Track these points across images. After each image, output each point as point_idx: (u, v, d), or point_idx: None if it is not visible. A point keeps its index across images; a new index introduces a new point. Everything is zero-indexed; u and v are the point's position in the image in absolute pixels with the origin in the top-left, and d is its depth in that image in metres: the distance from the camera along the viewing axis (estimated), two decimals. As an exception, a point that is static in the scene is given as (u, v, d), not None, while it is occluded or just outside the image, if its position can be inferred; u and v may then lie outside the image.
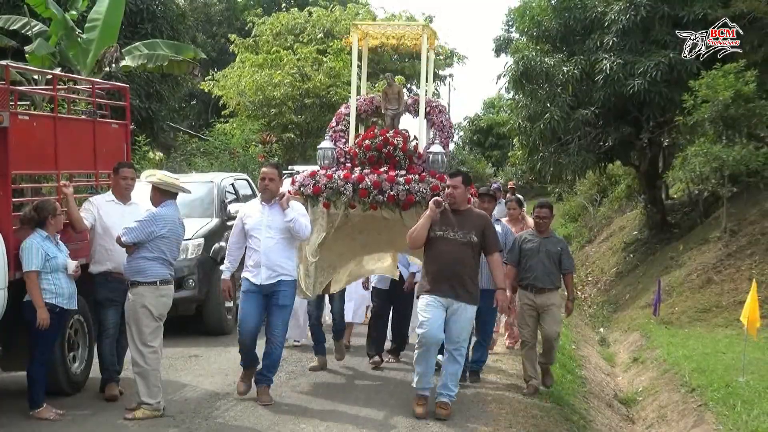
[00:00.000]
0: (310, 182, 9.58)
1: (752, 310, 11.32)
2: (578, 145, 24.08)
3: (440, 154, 9.69)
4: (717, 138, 20.47)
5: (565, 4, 24.00)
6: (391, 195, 9.25)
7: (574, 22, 23.81)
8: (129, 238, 8.31)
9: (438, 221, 8.50)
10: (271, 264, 8.87)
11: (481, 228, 8.58)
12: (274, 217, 8.90)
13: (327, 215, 9.62)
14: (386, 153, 9.58)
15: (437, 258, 8.53)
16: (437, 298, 8.44)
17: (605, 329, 18.95)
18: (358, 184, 9.34)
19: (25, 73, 14.82)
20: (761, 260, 17.63)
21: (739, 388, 10.46)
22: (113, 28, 19.24)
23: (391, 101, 10.18)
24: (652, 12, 22.28)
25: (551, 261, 9.76)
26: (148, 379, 8.35)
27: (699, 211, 23.42)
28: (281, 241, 8.92)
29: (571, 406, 9.89)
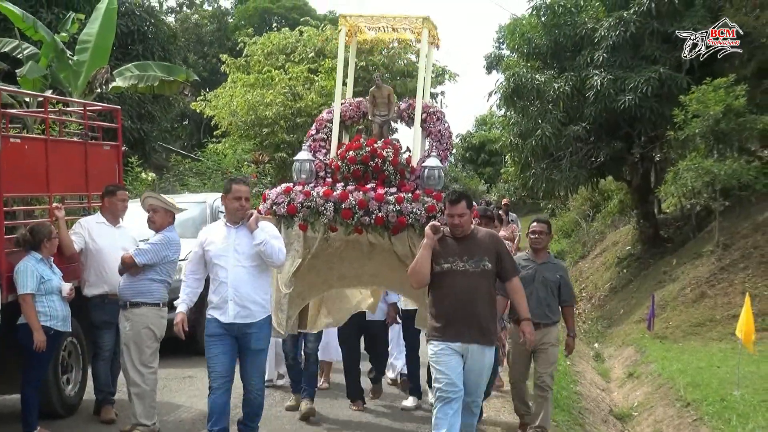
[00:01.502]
0: (285, 200, 8.08)
1: (747, 323, 11.33)
2: (570, 161, 24.20)
3: (437, 168, 8.06)
4: (708, 152, 20.56)
5: (555, 21, 24.11)
6: (380, 216, 7.70)
7: (564, 38, 23.93)
8: (143, 259, 8.38)
9: (440, 252, 7.00)
10: (241, 299, 7.31)
11: (494, 251, 7.10)
12: (242, 240, 7.37)
13: (303, 239, 8.15)
14: (374, 167, 8.05)
15: (447, 296, 6.98)
16: (450, 345, 6.94)
17: (600, 344, 18.97)
18: (340, 203, 7.83)
19: (16, 96, 14.80)
20: (754, 274, 17.66)
21: (734, 401, 10.47)
22: (104, 50, 19.25)
23: (380, 106, 8.64)
24: (642, 28, 22.41)
25: (548, 291, 8.30)
26: (145, 400, 8.38)
27: (691, 226, 23.46)
28: (252, 269, 7.38)
29: (566, 423, 9.88)
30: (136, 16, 27.30)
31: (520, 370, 8.65)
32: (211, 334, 7.45)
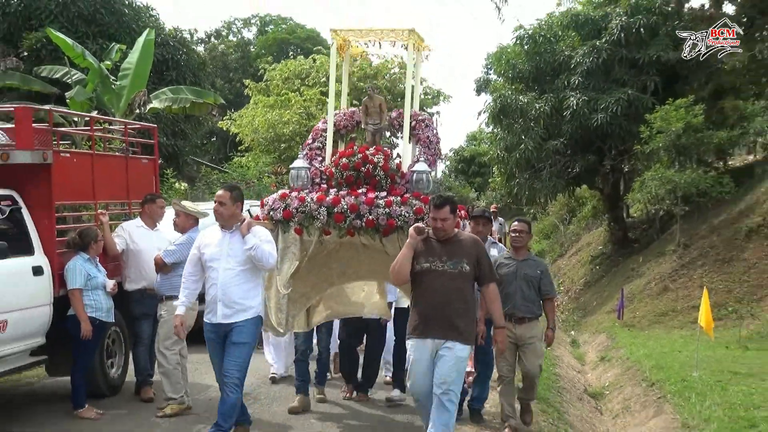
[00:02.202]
0: (281, 206, 7.58)
1: (706, 314, 11.35)
2: (549, 172, 24.24)
3: (425, 173, 7.57)
4: (670, 164, 20.61)
5: (536, 49, 24.09)
6: (370, 219, 7.24)
7: (544, 64, 23.90)
8: (171, 258, 8.36)
9: (423, 251, 6.52)
10: (228, 300, 6.87)
11: (475, 255, 6.55)
12: (234, 245, 6.90)
13: (300, 242, 7.59)
14: (365, 172, 7.57)
15: (426, 294, 6.51)
16: (425, 342, 6.46)
17: (575, 332, 18.94)
18: (333, 207, 7.35)
19: (66, 116, 14.84)
20: (710, 270, 17.65)
21: (693, 382, 10.45)
22: (143, 76, 19.32)
23: (372, 115, 8.16)
24: (612, 55, 22.44)
25: (530, 286, 7.68)
26: (170, 378, 8.40)
27: (656, 228, 23.45)
28: (242, 273, 6.91)
29: (547, 400, 9.86)
30: (171, 46, 27.32)
31: (507, 363, 7.81)
32: (208, 339, 7.10)
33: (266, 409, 8.83)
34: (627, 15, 22.69)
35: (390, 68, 41.81)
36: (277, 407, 8.90)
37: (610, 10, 23.72)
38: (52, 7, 25.10)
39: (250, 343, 7.01)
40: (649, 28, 22.35)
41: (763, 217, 17.88)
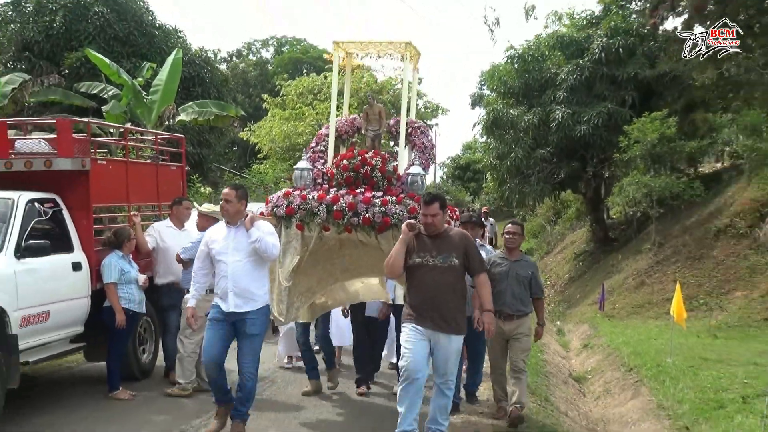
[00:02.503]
0: (284, 203, 7.39)
1: (678, 305, 11.35)
2: (537, 178, 24.25)
3: (419, 175, 7.41)
4: (646, 170, 20.64)
5: (525, 67, 24.11)
6: (367, 217, 7.04)
7: (533, 81, 23.91)
8: (186, 255, 8.30)
9: (415, 247, 6.33)
10: (239, 290, 6.65)
11: (463, 249, 6.34)
12: (240, 239, 6.72)
13: (301, 238, 7.39)
14: (363, 173, 7.37)
15: (418, 287, 6.33)
16: (419, 328, 6.23)
17: (561, 322, 18.91)
18: (332, 205, 7.16)
19: (103, 127, 14.83)
20: (683, 266, 17.63)
21: (667, 367, 10.42)
22: (172, 92, 19.35)
23: (372, 122, 8.00)
24: (594, 72, 22.48)
25: (521, 286, 7.39)
26: (183, 363, 8.42)
27: (633, 228, 23.39)
28: (249, 264, 6.71)
29: (535, 383, 9.83)
30: (197, 64, 27.32)
31: (497, 355, 7.63)
32: (212, 318, 6.80)
33: (282, 391, 8.85)
34: (607, 36, 22.76)
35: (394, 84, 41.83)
36: (291, 390, 8.89)
37: (591, 32, 23.79)
38: (91, 29, 25.15)
39: (262, 333, 6.87)
40: (627, 49, 22.42)
41: (730, 218, 17.87)
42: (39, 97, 20.90)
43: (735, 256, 16.89)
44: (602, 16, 24.36)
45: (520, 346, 7.46)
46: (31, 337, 7.54)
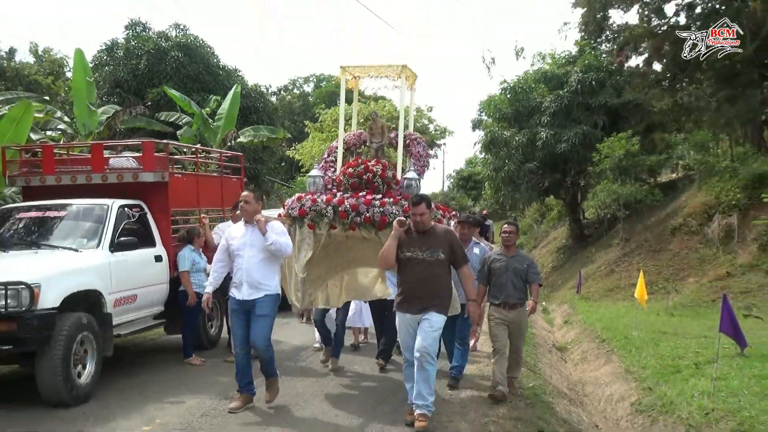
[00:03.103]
0: (297, 205, 7.05)
1: (641, 289, 11.32)
2: (526, 186, 24.30)
3: (414, 179, 7.07)
4: (615, 180, 20.71)
5: (516, 97, 24.13)
6: (367, 216, 6.73)
7: (522, 108, 23.89)
8: None
9: (406, 242, 5.96)
10: (252, 281, 6.28)
11: (448, 244, 5.96)
12: (255, 237, 6.34)
13: (313, 235, 7.01)
14: (366, 179, 7.05)
15: (408, 278, 5.93)
16: (408, 315, 5.91)
17: (546, 303, 18.79)
18: (338, 206, 6.85)
19: (178, 148, 14.93)
20: (645, 257, 17.57)
21: (633, 339, 10.34)
22: (232, 119, 19.43)
23: (376, 135, 7.69)
24: (572, 101, 22.50)
25: (518, 278, 6.86)
26: None
27: (604, 227, 23.34)
28: (263, 259, 6.33)
29: (526, 352, 9.77)
30: (252, 97, 27.48)
31: (500, 339, 6.93)
32: (232, 310, 6.50)
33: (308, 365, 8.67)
34: (582, 72, 22.76)
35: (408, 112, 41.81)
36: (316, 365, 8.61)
37: (569, 69, 23.76)
38: (168, 70, 25.37)
39: (270, 316, 6.35)
40: (598, 82, 22.46)
41: (683, 218, 17.78)
42: (128, 124, 21.06)
43: (688, 249, 16.81)
44: (578, 56, 24.33)
45: (520, 332, 6.97)
46: (122, 315, 7.62)
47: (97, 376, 6.89)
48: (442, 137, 46.49)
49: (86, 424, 5.89)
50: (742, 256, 15.19)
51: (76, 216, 7.86)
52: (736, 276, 14.63)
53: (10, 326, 6.06)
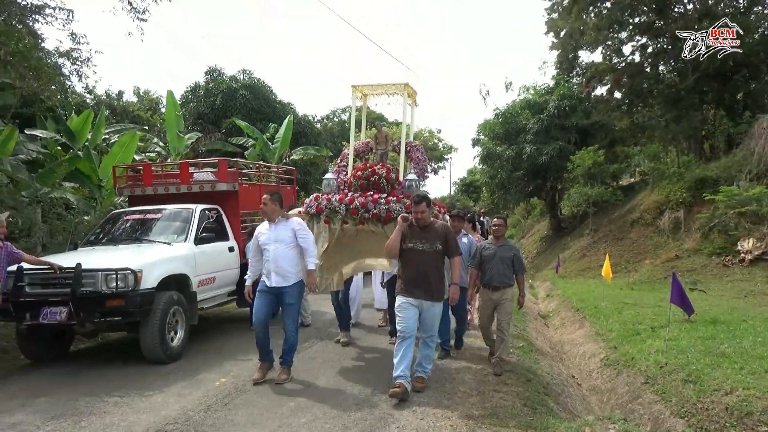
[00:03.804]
0: (314, 204, 6.59)
1: (607, 269, 11.19)
2: (515, 190, 24.21)
3: (414, 181, 6.56)
4: (585, 184, 20.46)
5: (506, 120, 23.99)
6: (375, 213, 6.22)
7: (511, 129, 23.73)
8: None
9: (408, 235, 5.47)
10: (279, 270, 5.71)
11: (444, 237, 5.46)
12: (278, 233, 5.83)
13: (329, 230, 6.56)
14: (373, 181, 6.57)
15: (409, 266, 5.40)
16: (410, 300, 5.30)
17: (532, 280, 18.64)
18: (349, 204, 6.39)
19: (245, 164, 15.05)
20: (610, 244, 17.30)
21: (601, 308, 10.19)
22: (287, 141, 19.52)
23: (380, 143, 7.28)
24: (550, 122, 22.36)
25: (504, 264, 6.27)
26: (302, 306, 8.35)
27: (577, 221, 23.11)
28: (286, 251, 5.76)
29: (516, 319, 9.68)
30: (302, 124, 27.56)
31: (486, 317, 6.46)
32: (260, 290, 5.81)
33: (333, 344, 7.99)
34: (558, 100, 22.57)
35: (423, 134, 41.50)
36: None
37: (548, 97, 23.55)
38: (237, 105, 25.54)
39: (297, 303, 5.81)
40: (571, 107, 22.28)
41: (640, 213, 17.51)
42: (208, 147, 21.29)
43: (644, 237, 16.55)
44: (554, 87, 24.08)
45: (505, 310, 6.25)
46: (204, 293, 7.64)
47: (185, 340, 6.94)
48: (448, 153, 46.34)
49: (178, 376, 5.93)
50: (687, 242, 14.91)
51: (169, 217, 7.89)
52: (683, 258, 14.35)
53: (120, 302, 6.11)
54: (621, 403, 6.04)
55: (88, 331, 6.88)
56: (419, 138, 40.96)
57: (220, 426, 4.48)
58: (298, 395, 5.31)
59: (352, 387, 5.58)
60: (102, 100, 25.25)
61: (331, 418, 4.65)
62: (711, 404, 5.08)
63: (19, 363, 6.76)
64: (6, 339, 7.31)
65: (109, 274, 6.13)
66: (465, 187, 53.41)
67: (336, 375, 6.07)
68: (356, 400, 5.16)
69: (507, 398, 5.18)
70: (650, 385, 5.95)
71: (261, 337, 5.79)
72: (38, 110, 15.15)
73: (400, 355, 5.20)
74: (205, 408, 4.92)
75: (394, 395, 5.04)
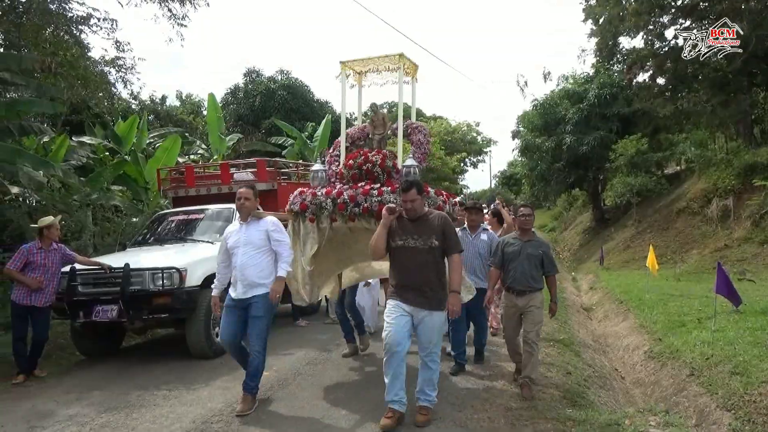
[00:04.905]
0: (299, 200, 5.62)
1: (652, 260, 10.98)
2: (555, 181, 23.98)
3: (413, 167, 5.48)
4: (628, 173, 20.09)
5: (545, 111, 23.78)
6: (365, 206, 5.21)
7: (550, 120, 23.55)
8: None
9: (398, 230, 4.43)
10: (245, 279, 4.78)
11: (441, 230, 4.36)
12: (249, 234, 4.86)
13: (317, 229, 5.52)
14: (366, 170, 5.55)
15: (401, 267, 4.39)
16: (401, 305, 4.31)
17: (575, 273, 18.38)
18: (336, 198, 5.37)
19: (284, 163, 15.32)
20: (655, 235, 16.97)
21: (645, 300, 9.99)
22: (325, 139, 19.73)
23: (378, 127, 6.14)
24: (590, 111, 22.05)
25: (531, 264, 5.08)
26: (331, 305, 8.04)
27: (621, 211, 22.69)
28: (255, 256, 4.81)
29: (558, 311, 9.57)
30: (338, 123, 27.77)
31: (511, 328, 5.24)
32: (227, 305, 4.88)
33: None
34: (598, 88, 22.19)
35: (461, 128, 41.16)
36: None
37: (588, 86, 23.13)
38: (276, 105, 26.00)
39: (266, 317, 4.78)
40: (612, 95, 21.93)
41: (686, 202, 17.09)
42: (248, 147, 21.75)
43: (691, 227, 16.14)
44: (594, 76, 23.66)
45: (532, 319, 5.04)
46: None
47: (230, 336, 7.10)
48: (487, 146, 45.91)
49: (223, 370, 6.12)
50: (737, 231, 14.44)
51: (211, 217, 8.03)
52: (733, 247, 13.91)
53: (166, 300, 6.29)
54: (665, 396, 5.93)
55: (137, 328, 7.15)
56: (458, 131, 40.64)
57: (263, 418, 4.61)
58: (337, 390, 5.38)
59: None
60: (146, 105, 26.06)
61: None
62: (759, 396, 4.94)
63: (74, 359, 7.09)
64: (62, 336, 7.67)
65: (156, 273, 6.32)
66: (506, 180, 52.87)
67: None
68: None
69: (546, 391, 5.15)
70: (695, 378, 5.82)
71: (235, 356, 4.97)
72: (86, 117, 15.77)
73: (391, 374, 4.24)
74: (249, 401, 5.06)
75: (385, 428, 4.17)
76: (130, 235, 10.28)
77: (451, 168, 28.66)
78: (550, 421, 4.35)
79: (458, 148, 36.61)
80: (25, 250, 6.20)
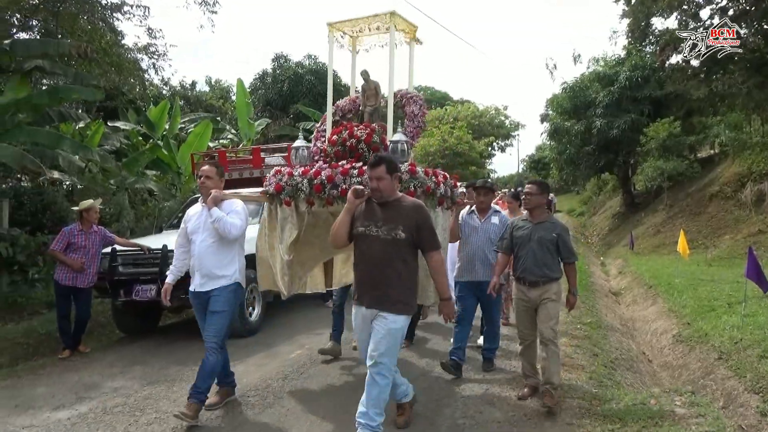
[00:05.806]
0: (274, 181, 4.87)
1: (683, 245, 10.87)
2: (585, 166, 23.80)
3: (401, 142, 4.70)
4: (659, 157, 19.74)
5: (574, 94, 23.44)
6: (344, 189, 4.46)
7: (579, 103, 23.18)
8: None
9: (362, 215, 3.67)
10: (204, 269, 4.24)
11: (414, 221, 3.55)
12: (208, 219, 4.25)
13: (296, 214, 4.79)
14: (350, 146, 4.82)
15: (361, 260, 3.65)
16: (360, 309, 3.63)
17: (603, 258, 18.22)
18: (313, 179, 4.62)
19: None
20: (686, 219, 16.67)
21: (675, 285, 9.90)
22: (352, 124, 19.90)
23: (370, 98, 5.28)
24: (621, 94, 21.66)
25: (544, 250, 4.35)
26: None
27: (651, 196, 22.36)
28: (215, 244, 4.23)
29: (585, 295, 9.58)
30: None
31: (525, 325, 4.51)
32: (193, 304, 4.39)
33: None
34: (630, 71, 21.78)
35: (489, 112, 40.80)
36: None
37: (619, 69, 22.71)
38: (304, 90, 26.13)
39: (227, 311, 4.24)
40: (644, 78, 21.49)
41: (720, 186, 16.74)
42: (277, 132, 21.97)
43: (724, 212, 15.83)
44: (626, 57, 23.17)
45: (547, 313, 4.31)
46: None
47: (263, 316, 7.29)
48: (515, 130, 45.44)
49: (257, 348, 6.33)
50: (772, 216, 14.13)
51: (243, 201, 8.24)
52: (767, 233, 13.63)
53: (202, 280, 6.51)
54: (692, 379, 5.95)
55: (174, 307, 7.42)
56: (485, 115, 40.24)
57: (296, 393, 4.80)
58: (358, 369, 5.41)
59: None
60: (177, 91, 26.48)
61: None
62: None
63: (114, 336, 7.41)
64: (103, 315, 8.00)
65: (192, 254, 6.54)
66: (534, 164, 52.35)
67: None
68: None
69: (573, 372, 5.23)
70: (724, 361, 5.82)
71: None
72: (120, 103, 16.15)
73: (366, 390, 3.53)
74: (283, 377, 5.26)
75: None
76: (165, 218, 10.57)
77: (478, 152, 28.52)
78: (576, 400, 4.43)
79: (486, 132, 36.35)
80: (67, 232, 6.47)
